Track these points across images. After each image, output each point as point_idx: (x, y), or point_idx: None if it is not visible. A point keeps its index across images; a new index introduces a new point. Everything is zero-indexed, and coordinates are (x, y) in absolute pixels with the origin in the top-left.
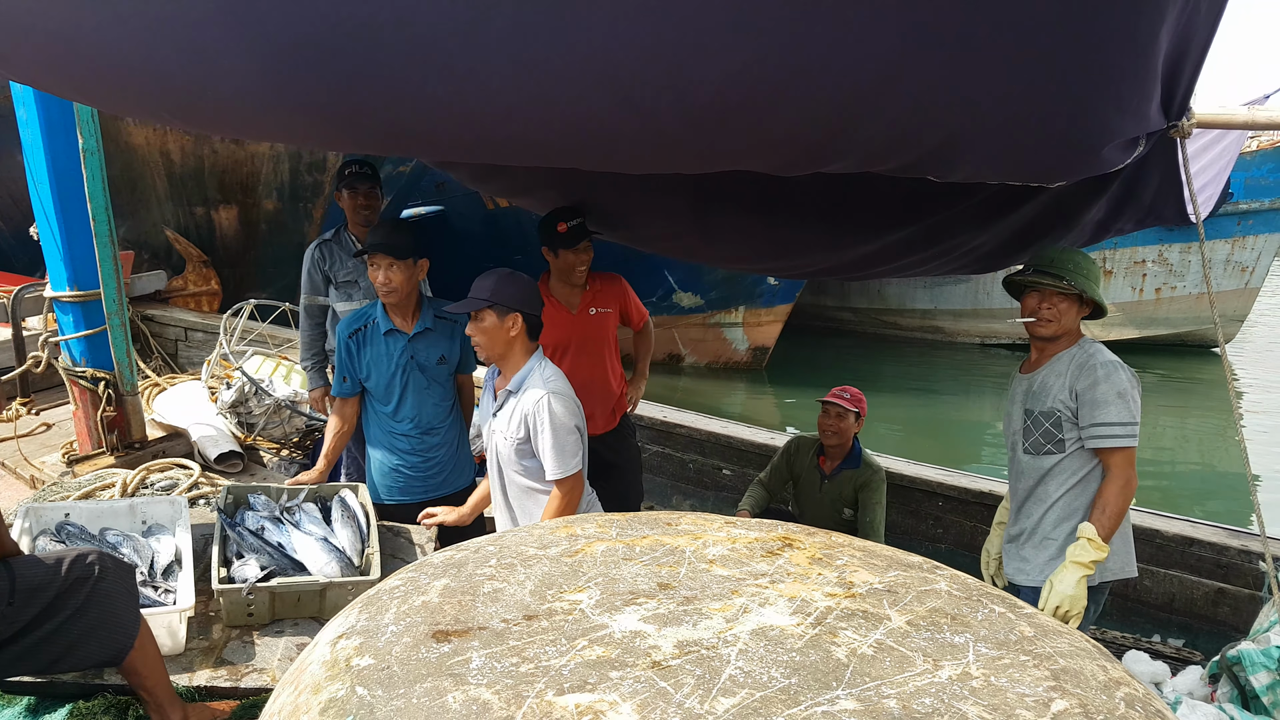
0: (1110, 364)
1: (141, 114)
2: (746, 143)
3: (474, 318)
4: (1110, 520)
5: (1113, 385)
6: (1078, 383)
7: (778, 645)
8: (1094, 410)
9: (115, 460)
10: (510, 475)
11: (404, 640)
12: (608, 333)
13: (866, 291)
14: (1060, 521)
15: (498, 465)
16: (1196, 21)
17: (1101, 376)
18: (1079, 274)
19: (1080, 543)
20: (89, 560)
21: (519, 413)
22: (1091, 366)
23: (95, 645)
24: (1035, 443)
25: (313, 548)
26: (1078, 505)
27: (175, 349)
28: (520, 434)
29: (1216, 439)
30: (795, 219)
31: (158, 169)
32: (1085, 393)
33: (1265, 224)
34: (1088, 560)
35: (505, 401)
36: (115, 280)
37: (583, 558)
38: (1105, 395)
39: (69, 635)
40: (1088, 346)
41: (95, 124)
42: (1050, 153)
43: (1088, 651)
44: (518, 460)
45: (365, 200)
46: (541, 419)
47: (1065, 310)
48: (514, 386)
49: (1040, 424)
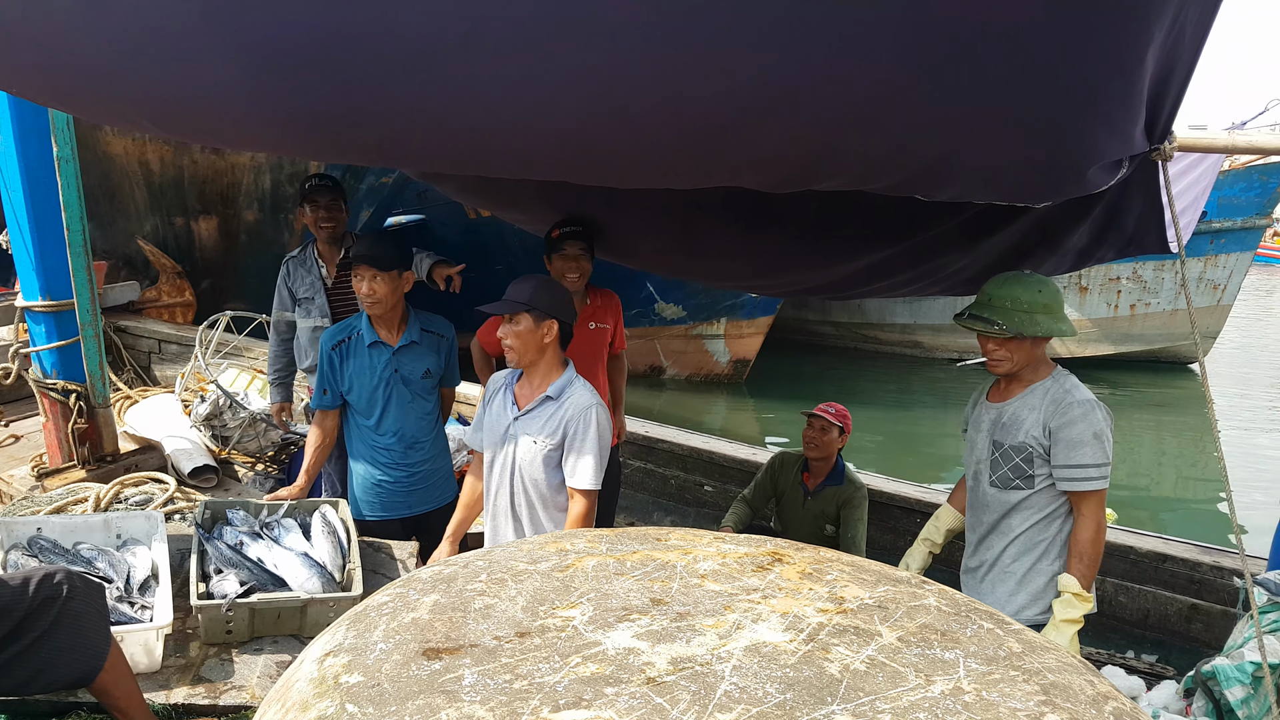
0: (1087, 403)
1: (123, 122)
2: (738, 160)
3: (510, 320)
4: (1089, 568)
5: (1089, 425)
6: (1052, 420)
7: (771, 661)
8: (1069, 451)
9: (87, 474)
10: (526, 484)
11: (394, 657)
12: (603, 348)
13: (847, 306)
14: (1020, 555)
15: (510, 473)
16: (1182, 45)
17: (1078, 415)
18: (1017, 311)
19: (1065, 598)
20: (56, 580)
21: (559, 419)
22: (1068, 405)
23: (65, 666)
24: (1003, 476)
25: (293, 563)
26: (1040, 540)
27: (148, 361)
28: (556, 440)
29: (1191, 454)
30: (781, 238)
31: (136, 179)
32: (1060, 431)
33: (1237, 243)
34: (1077, 615)
35: (539, 407)
36: (89, 291)
37: (574, 573)
38: (1081, 436)
39: (38, 657)
40: (1063, 380)
41: (70, 131)
42: (1037, 173)
43: (1074, 667)
44: (543, 468)
45: (326, 212)
46: (589, 428)
47: (1016, 348)
48: (554, 393)
49: (1010, 458)
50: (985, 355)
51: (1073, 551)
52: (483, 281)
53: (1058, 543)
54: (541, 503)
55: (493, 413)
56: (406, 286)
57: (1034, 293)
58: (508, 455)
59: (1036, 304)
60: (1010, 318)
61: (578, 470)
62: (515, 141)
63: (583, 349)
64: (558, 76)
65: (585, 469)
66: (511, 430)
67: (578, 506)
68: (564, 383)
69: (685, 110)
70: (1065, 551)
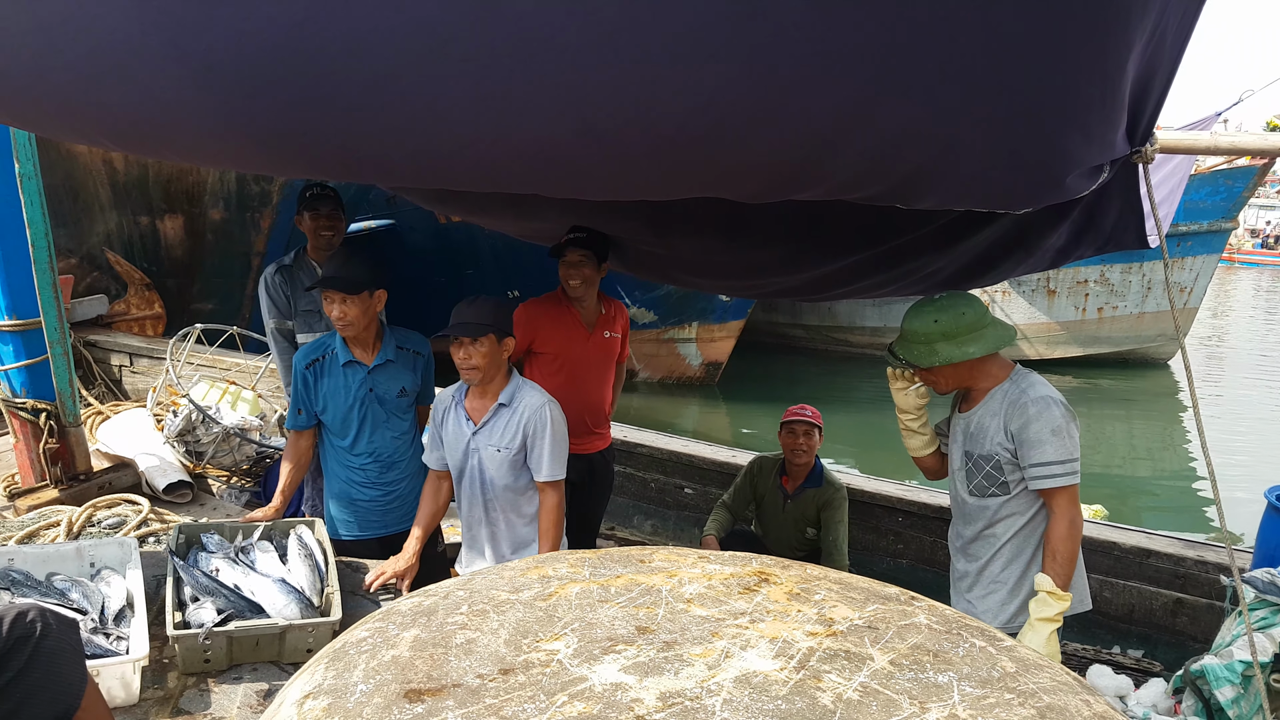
0: (1042, 400)
1: (83, 140)
2: (712, 173)
3: (474, 341)
4: (1064, 566)
5: (1046, 423)
6: (1011, 422)
7: (762, 693)
8: (1030, 450)
9: (59, 493)
10: (498, 491)
11: (375, 700)
12: (613, 357)
13: (817, 309)
14: (1009, 564)
15: (479, 485)
16: (1163, 51)
17: (1034, 415)
18: (916, 344)
19: (1040, 597)
20: (30, 618)
21: (515, 424)
22: (1023, 405)
23: (41, 707)
24: (979, 485)
25: (270, 589)
26: (1026, 546)
27: (119, 375)
28: (518, 444)
29: (1161, 450)
30: (756, 240)
31: (100, 178)
32: (1020, 432)
33: (1203, 245)
34: (1053, 614)
35: (494, 417)
36: (55, 308)
37: (557, 601)
38: (1039, 434)
39: (12, 699)
40: (1020, 380)
41: (33, 147)
42: (1017, 181)
43: (1070, 686)
44: (510, 472)
45: (328, 223)
46: (544, 425)
47: (940, 374)
48: (506, 400)
49: (981, 467)
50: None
51: (1046, 550)
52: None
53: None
54: (513, 507)
55: (449, 432)
56: (379, 306)
57: (929, 323)
58: (473, 469)
59: (934, 334)
60: (910, 351)
61: (544, 465)
62: (484, 156)
63: (596, 356)
64: (525, 91)
65: (550, 463)
66: (472, 445)
67: (550, 499)
68: (513, 389)
69: (656, 125)
70: None
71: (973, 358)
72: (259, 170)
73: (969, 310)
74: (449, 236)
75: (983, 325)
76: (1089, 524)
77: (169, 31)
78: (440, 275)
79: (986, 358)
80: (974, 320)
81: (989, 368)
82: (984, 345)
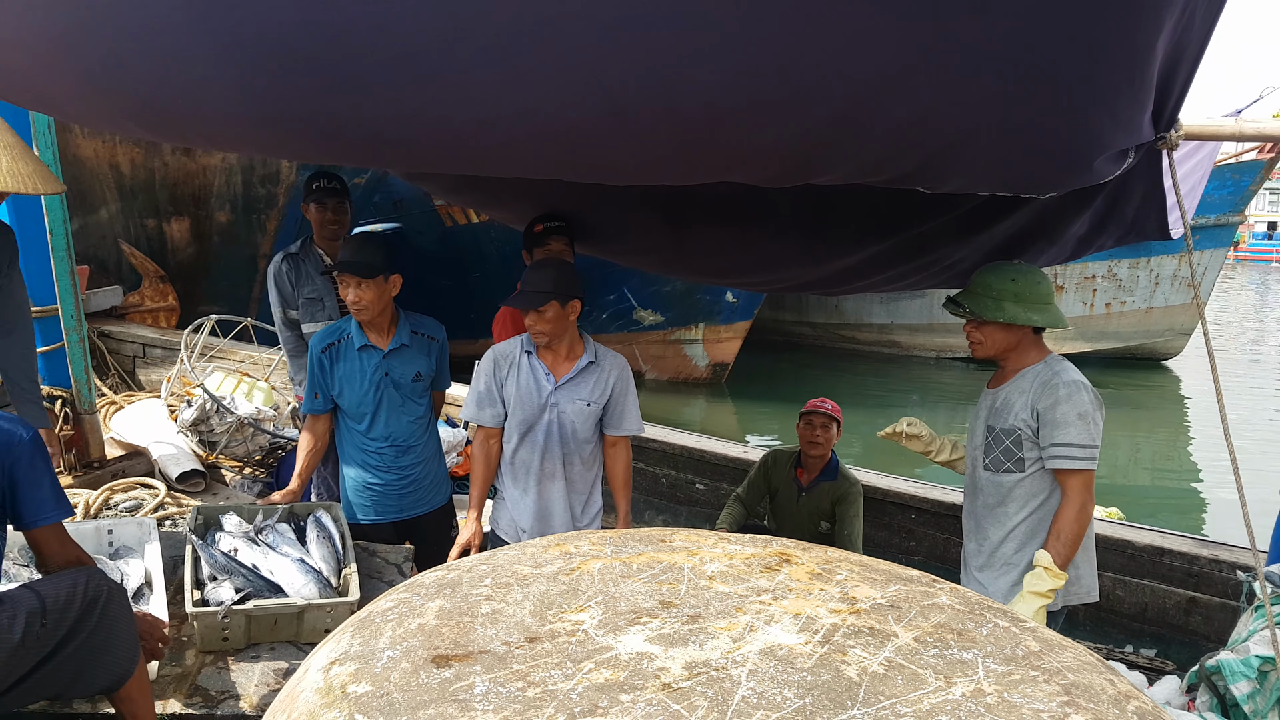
0: (1073, 384)
1: (105, 123)
2: (735, 154)
3: (539, 310)
4: (1066, 547)
5: (1074, 406)
6: (1039, 401)
7: (788, 665)
8: (1053, 430)
9: (74, 479)
10: (573, 445)
11: (402, 665)
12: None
13: (824, 306)
14: (1022, 546)
15: (556, 437)
16: (1190, 34)
17: (1063, 396)
18: (985, 297)
19: (1037, 571)
20: (98, 581)
21: (605, 380)
22: (1054, 386)
23: (102, 670)
24: (995, 460)
25: (289, 569)
26: (1040, 530)
27: (133, 366)
28: (605, 399)
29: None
30: (774, 232)
31: (107, 181)
32: (1046, 412)
33: (1211, 239)
34: (1045, 589)
35: (582, 373)
36: (73, 296)
37: (580, 576)
38: (1065, 416)
39: (80, 659)
40: (1054, 364)
41: (52, 135)
42: (1043, 164)
43: (1094, 665)
44: (590, 425)
45: (334, 215)
46: (628, 382)
47: (990, 334)
48: (593, 357)
49: (1000, 441)
50: (967, 338)
51: (1052, 529)
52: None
53: None
54: (581, 460)
55: (520, 386)
56: (394, 290)
57: (1006, 281)
58: (551, 422)
59: (1006, 291)
60: (978, 302)
61: (626, 420)
62: (506, 138)
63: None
64: (548, 73)
65: (635, 417)
66: (553, 399)
67: (626, 453)
68: (594, 347)
69: (681, 103)
70: None
71: (1033, 324)
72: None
73: (1044, 282)
74: (454, 240)
75: (1049, 301)
76: (1103, 522)
77: (199, 7)
78: (446, 278)
79: (1030, 338)
80: (1045, 293)
81: (1030, 347)
82: (1046, 319)
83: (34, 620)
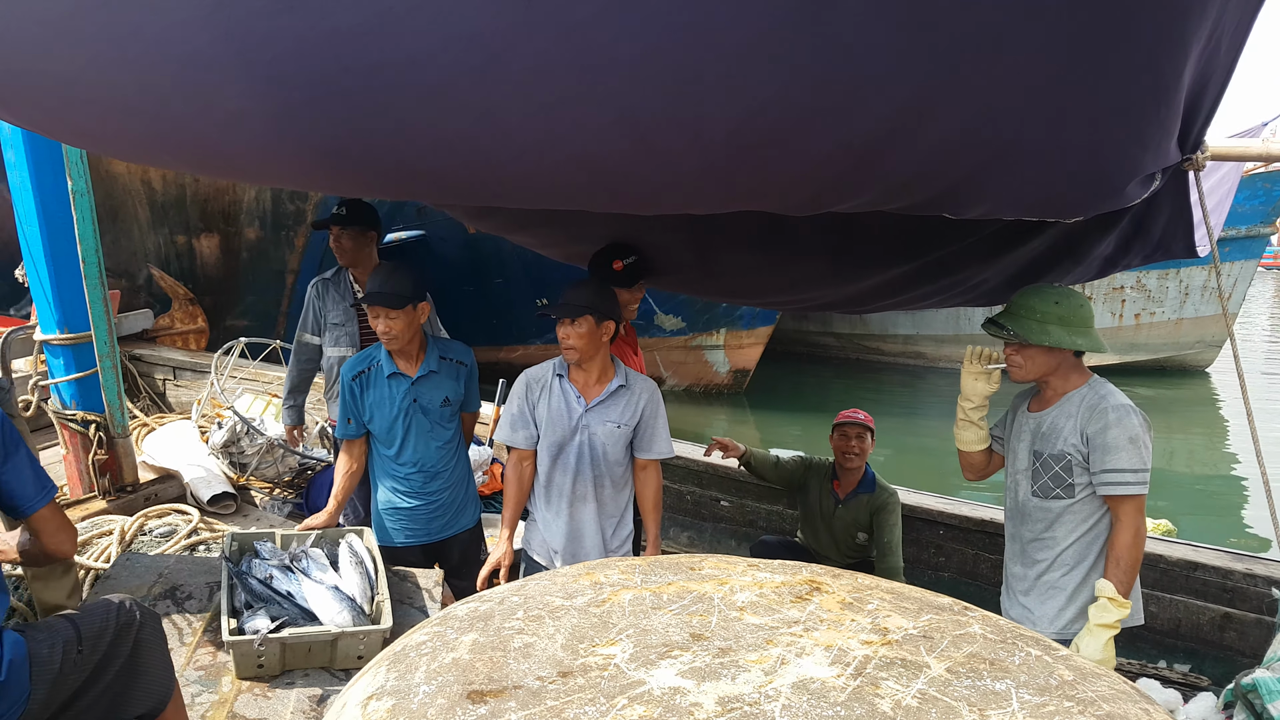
0: (1122, 408)
1: (141, 158)
2: (763, 181)
3: (573, 322)
4: (1126, 574)
5: (1124, 430)
6: (1089, 426)
7: (821, 699)
8: (1105, 456)
9: (107, 504)
10: (604, 467)
11: (438, 701)
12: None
13: (849, 317)
14: (1069, 570)
15: (587, 460)
16: (1217, 59)
17: (1113, 420)
18: (1030, 320)
19: (1100, 603)
20: (129, 606)
21: (636, 403)
22: (1103, 410)
23: (140, 696)
24: (1044, 486)
25: (323, 596)
26: (1089, 554)
27: (164, 388)
28: (635, 422)
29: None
30: (800, 254)
31: (139, 197)
32: (1096, 437)
33: (1242, 250)
34: (1112, 620)
35: (613, 396)
36: (106, 323)
37: (610, 607)
38: (1117, 440)
39: (117, 687)
40: (1099, 387)
41: (84, 165)
42: (1071, 189)
43: (1129, 695)
44: (621, 448)
45: (351, 243)
46: (659, 405)
47: (1032, 356)
48: (626, 381)
49: (1050, 467)
50: (1007, 362)
51: (1110, 557)
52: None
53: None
54: (613, 482)
55: (551, 408)
56: (423, 318)
57: (1050, 304)
58: (582, 444)
59: (1050, 315)
60: (1022, 325)
61: (656, 443)
62: (536, 168)
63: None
64: (578, 105)
65: (665, 440)
66: (584, 421)
67: (657, 477)
68: (626, 371)
69: (708, 134)
70: None
71: (1077, 348)
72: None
73: (1086, 305)
74: (478, 247)
75: (1091, 324)
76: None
77: (238, 42)
78: (469, 285)
79: (1071, 361)
80: (1088, 317)
81: (1071, 370)
82: (1088, 343)
83: (70, 648)
